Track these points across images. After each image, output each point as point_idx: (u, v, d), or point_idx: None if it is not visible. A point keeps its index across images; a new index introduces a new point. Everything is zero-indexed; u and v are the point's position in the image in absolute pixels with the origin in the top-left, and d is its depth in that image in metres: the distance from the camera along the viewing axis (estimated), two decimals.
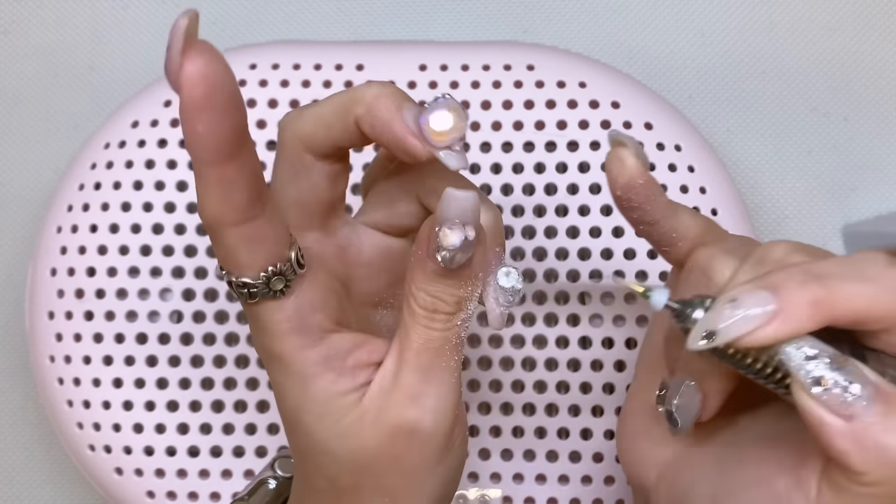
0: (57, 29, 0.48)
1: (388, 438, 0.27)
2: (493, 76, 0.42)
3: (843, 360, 0.23)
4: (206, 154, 0.23)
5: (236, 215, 0.24)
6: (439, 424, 0.27)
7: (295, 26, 0.48)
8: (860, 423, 0.23)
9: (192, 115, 0.22)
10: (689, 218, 0.28)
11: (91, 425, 0.40)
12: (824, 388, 0.23)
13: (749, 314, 0.23)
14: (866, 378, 0.23)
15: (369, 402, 0.27)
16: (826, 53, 0.47)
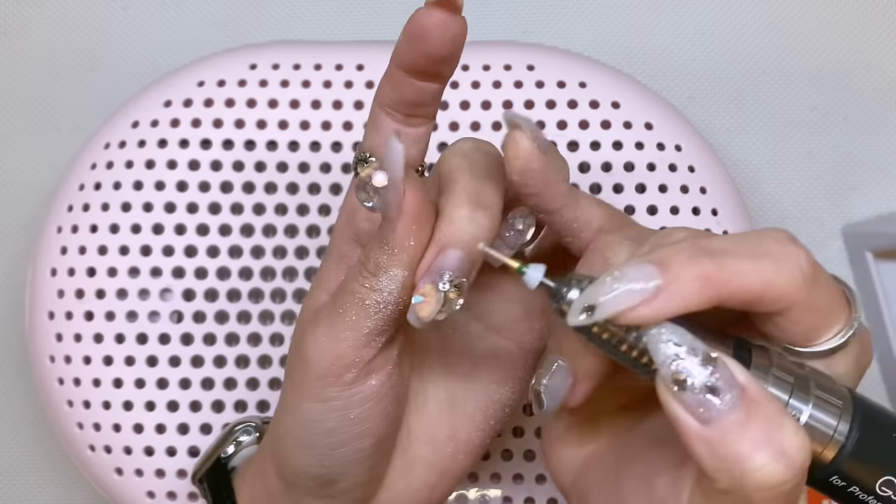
0: (57, 29, 0.48)
1: (296, 338, 0.29)
2: (493, 76, 0.42)
3: (712, 357, 0.21)
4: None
5: (383, 100, 0.28)
6: (312, 359, 0.27)
7: (295, 26, 0.48)
8: (716, 428, 0.21)
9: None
10: (592, 207, 0.27)
11: (91, 425, 0.40)
12: (684, 386, 0.21)
13: (633, 288, 0.22)
14: (733, 379, 0.21)
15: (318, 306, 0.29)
16: (826, 53, 0.47)
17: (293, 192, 0.41)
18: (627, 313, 0.22)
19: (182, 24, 0.48)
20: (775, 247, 0.23)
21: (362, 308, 0.26)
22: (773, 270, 0.22)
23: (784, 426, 0.21)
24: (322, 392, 0.27)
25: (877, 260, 0.44)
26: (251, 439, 0.36)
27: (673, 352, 0.22)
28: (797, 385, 0.23)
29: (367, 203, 0.26)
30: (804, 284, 0.23)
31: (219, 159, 0.41)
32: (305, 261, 0.41)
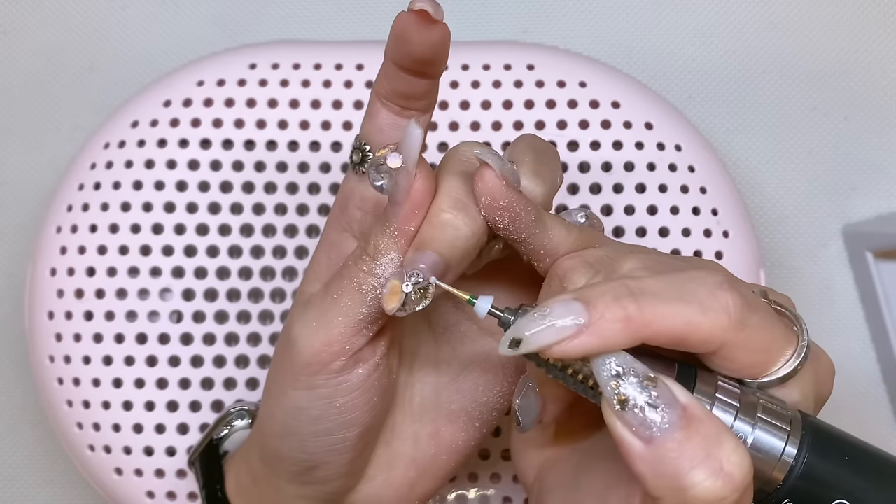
0: (57, 29, 0.48)
1: (286, 325, 0.29)
2: (493, 76, 0.42)
3: (652, 379, 0.22)
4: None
5: (378, 90, 0.28)
6: (300, 345, 0.27)
7: (295, 26, 0.48)
8: (656, 448, 0.22)
9: None
10: (560, 234, 0.27)
11: (91, 425, 0.40)
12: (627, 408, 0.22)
13: (558, 325, 0.23)
14: (674, 399, 0.22)
15: (309, 294, 0.29)
16: (826, 53, 0.47)
17: (293, 192, 0.41)
18: (552, 348, 0.23)
19: (181, 24, 0.48)
20: (702, 290, 0.24)
21: (358, 293, 0.27)
22: (697, 315, 0.23)
23: (723, 443, 0.22)
24: (309, 379, 0.28)
25: (877, 260, 0.44)
26: (244, 423, 0.36)
27: (615, 373, 0.23)
28: (742, 409, 0.24)
29: (378, 182, 0.26)
30: (730, 327, 0.23)
31: (218, 159, 0.41)
32: (305, 261, 0.41)
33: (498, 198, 0.26)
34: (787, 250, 0.47)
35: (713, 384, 0.24)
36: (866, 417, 0.45)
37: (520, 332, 0.23)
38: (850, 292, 0.46)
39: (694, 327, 0.23)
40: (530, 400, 0.27)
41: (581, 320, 0.23)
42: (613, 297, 0.23)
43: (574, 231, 0.28)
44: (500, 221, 0.27)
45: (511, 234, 0.27)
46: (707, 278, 0.24)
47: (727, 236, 0.40)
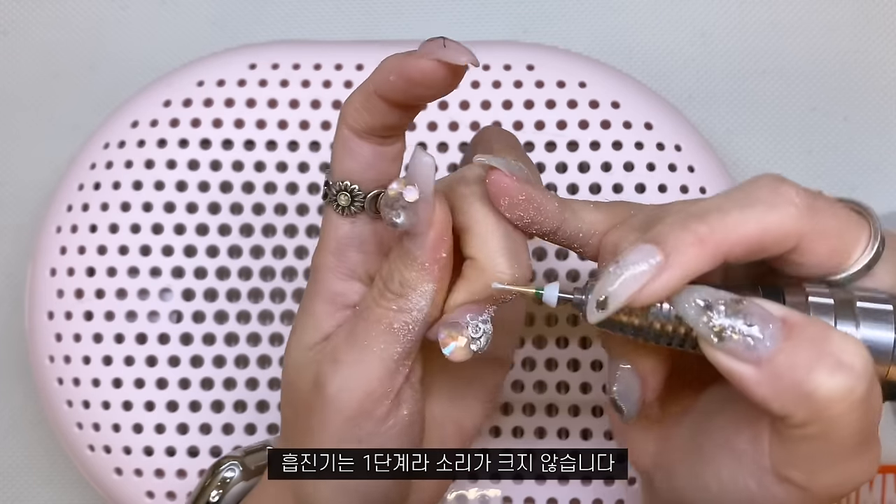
0: (57, 29, 0.48)
1: (310, 386, 0.28)
2: (493, 76, 0.42)
3: (740, 302, 0.22)
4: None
5: (358, 126, 0.26)
6: (342, 397, 0.26)
7: (295, 26, 0.48)
8: (769, 365, 0.21)
9: None
10: (591, 213, 0.27)
11: (91, 425, 0.40)
12: (726, 338, 0.22)
13: (636, 271, 0.23)
14: (768, 315, 0.22)
15: (317, 347, 0.28)
16: (826, 53, 0.47)
17: (293, 192, 0.41)
18: (638, 296, 0.23)
19: (182, 24, 0.48)
20: (763, 192, 0.23)
21: (390, 333, 0.26)
22: (766, 213, 0.23)
23: (831, 338, 0.21)
24: (355, 432, 0.27)
25: None
26: (237, 475, 0.35)
27: (703, 306, 0.22)
28: (838, 306, 0.23)
29: (398, 220, 0.25)
30: (802, 216, 0.23)
31: (218, 159, 0.41)
32: (305, 261, 0.41)
33: (514, 193, 0.26)
34: None
35: (802, 294, 0.24)
36: None
37: (602, 291, 0.23)
38: None
39: (768, 226, 0.23)
40: (628, 382, 0.26)
41: (656, 259, 0.22)
42: (680, 226, 0.23)
43: (603, 207, 0.27)
44: (526, 217, 0.26)
45: (542, 226, 0.27)
46: (762, 180, 0.24)
47: None
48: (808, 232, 0.23)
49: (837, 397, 0.21)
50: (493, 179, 0.26)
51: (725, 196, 0.24)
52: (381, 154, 0.27)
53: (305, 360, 0.28)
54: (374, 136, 0.27)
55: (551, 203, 0.26)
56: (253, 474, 0.34)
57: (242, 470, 0.35)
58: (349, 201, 0.27)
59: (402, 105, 0.26)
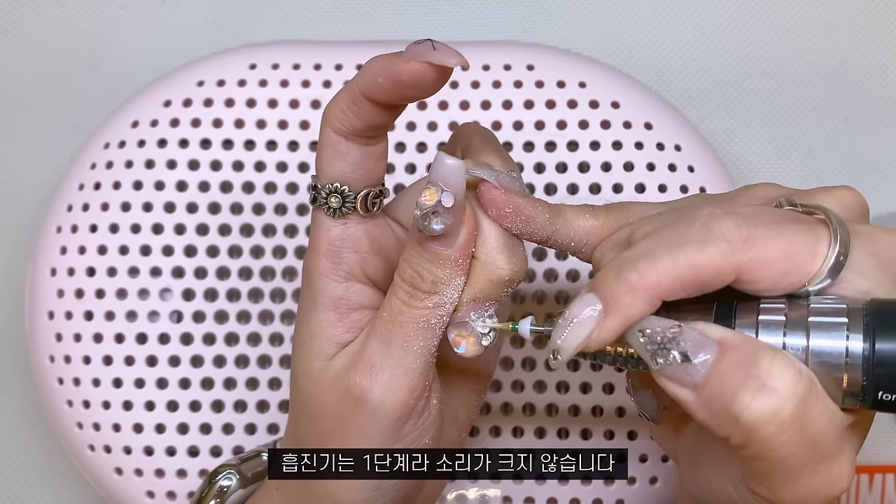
0: (57, 29, 0.48)
1: (339, 399, 0.28)
2: (493, 76, 0.42)
3: (677, 329, 0.23)
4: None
5: (344, 128, 0.27)
6: (387, 402, 0.27)
7: (295, 26, 0.48)
8: (703, 389, 0.22)
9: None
10: (584, 221, 0.28)
11: (91, 425, 0.40)
12: (663, 364, 0.23)
13: (580, 320, 0.24)
14: (703, 339, 0.22)
15: (338, 359, 0.28)
16: (826, 53, 0.47)
17: (293, 192, 0.41)
18: (588, 343, 0.24)
19: (182, 24, 0.48)
20: (694, 229, 0.23)
21: (428, 329, 0.27)
22: (696, 253, 0.23)
23: (758, 360, 0.22)
24: (399, 433, 0.28)
25: None
26: (234, 484, 0.34)
27: (643, 340, 0.23)
28: (790, 322, 0.23)
29: (437, 226, 0.26)
30: (735, 251, 0.23)
31: (218, 159, 0.41)
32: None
33: (502, 206, 0.27)
34: None
35: (754, 311, 0.24)
36: None
37: (553, 343, 0.24)
38: None
39: (699, 266, 0.23)
40: (643, 395, 0.28)
41: (597, 308, 0.24)
42: (614, 275, 0.24)
43: (600, 214, 0.28)
44: (514, 228, 0.27)
45: (532, 236, 0.27)
46: (697, 212, 0.24)
47: None
48: (745, 263, 0.23)
49: (762, 420, 0.21)
50: (481, 191, 0.27)
51: (659, 236, 0.24)
52: (368, 154, 0.28)
53: (327, 373, 0.28)
54: (361, 136, 0.27)
55: (541, 214, 0.27)
56: (249, 482, 0.34)
57: (239, 478, 0.34)
58: (340, 203, 0.28)
59: (389, 106, 0.27)
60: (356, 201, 0.28)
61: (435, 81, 0.25)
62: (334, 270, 0.29)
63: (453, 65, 0.25)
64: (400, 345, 0.27)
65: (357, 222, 0.28)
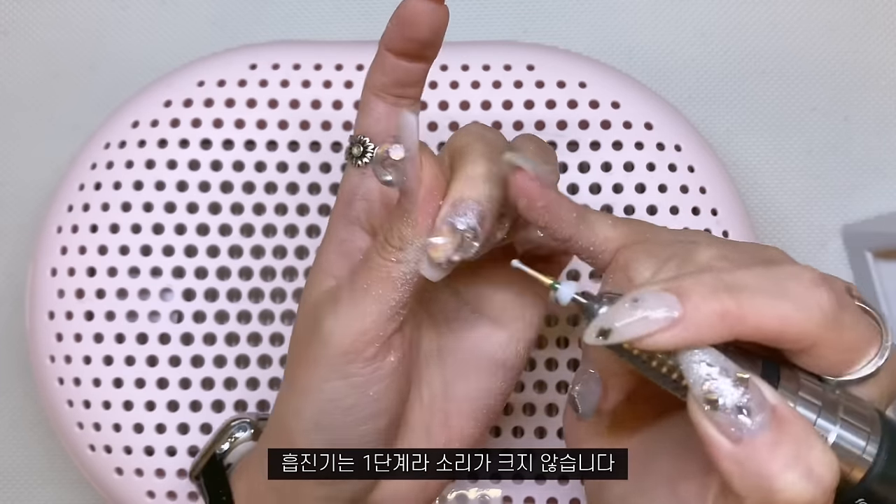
0: (57, 29, 0.48)
1: (309, 324, 0.29)
2: (493, 76, 0.42)
3: (743, 378, 0.22)
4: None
5: (374, 85, 0.30)
6: (335, 335, 0.28)
7: (295, 26, 0.48)
8: (747, 447, 0.22)
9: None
10: (607, 229, 0.27)
11: (91, 425, 0.40)
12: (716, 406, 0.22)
13: (650, 316, 0.22)
14: (764, 400, 0.22)
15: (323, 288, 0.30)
16: (826, 53, 0.47)
17: (293, 192, 0.41)
18: (643, 340, 0.23)
19: (182, 24, 0.48)
20: (798, 287, 0.23)
21: (388, 281, 0.27)
22: (792, 311, 0.23)
23: (813, 446, 0.22)
24: (344, 369, 0.28)
25: (877, 260, 0.44)
26: (246, 435, 0.36)
27: (705, 372, 0.22)
28: (825, 407, 0.24)
29: (386, 177, 0.27)
30: (824, 325, 0.23)
31: (219, 159, 0.41)
32: (305, 261, 0.41)
33: (535, 198, 0.26)
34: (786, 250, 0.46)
35: (796, 381, 0.24)
36: None
37: (609, 321, 0.23)
38: None
39: (789, 324, 0.23)
40: (591, 387, 0.27)
41: (675, 313, 0.22)
42: (710, 290, 0.23)
43: (621, 224, 0.28)
44: (541, 221, 0.27)
45: (555, 233, 0.27)
46: (802, 274, 0.24)
47: (727, 236, 0.40)
48: (824, 340, 0.23)
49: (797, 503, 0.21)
50: (516, 178, 0.26)
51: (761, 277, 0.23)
52: (393, 112, 0.30)
53: (312, 301, 0.30)
54: (389, 94, 0.30)
55: (569, 214, 0.27)
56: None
57: (253, 431, 0.36)
58: (361, 153, 0.30)
59: (405, 53, 0.29)
60: (374, 153, 0.29)
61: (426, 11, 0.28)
62: (345, 214, 0.31)
63: None
64: (361, 287, 0.28)
65: (374, 175, 0.30)
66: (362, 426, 0.29)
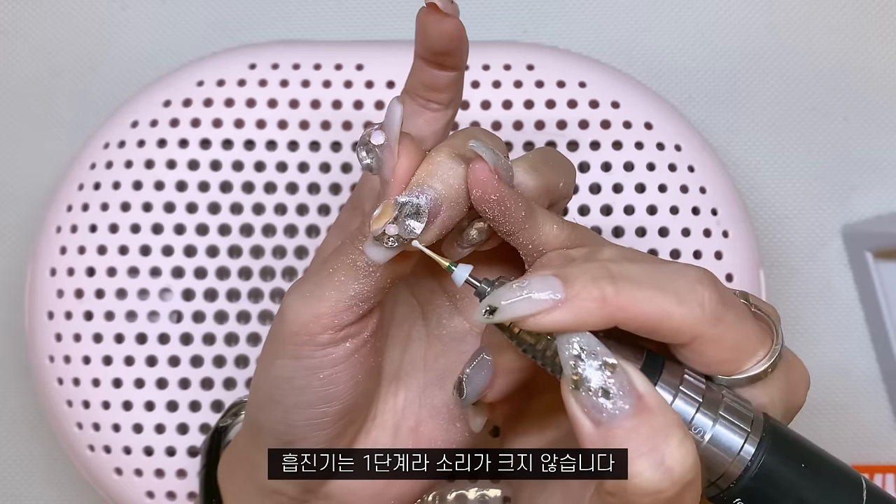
0: (57, 29, 0.48)
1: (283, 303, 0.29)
2: (493, 76, 0.42)
3: (612, 365, 0.23)
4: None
5: (413, 89, 0.31)
6: (291, 313, 0.28)
7: (295, 26, 0.48)
8: (605, 430, 0.22)
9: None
10: (550, 232, 0.28)
11: (91, 425, 0.40)
12: (583, 388, 0.23)
13: (534, 297, 0.23)
14: (630, 387, 0.22)
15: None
16: (826, 53, 0.47)
17: (292, 192, 0.41)
18: (526, 320, 0.24)
19: (181, 24, 0.48)
20: (682, 283, 0.24)
21: (353, 269, 0.27)
22: (672, 304, 0.24)
23: (670, 437, 0.22)
24: (295, 349, 0.28)
25: (877, 260, 0.44)
26: None
27: (576, 353, 0.23)
28: (705, 404, 0.24)
29: (364, 161, 0.26)
30: (704, 321, 0.24)
31: (218, 159, 0.41)
32: (305, 261, 0.41)
33: (489, 191, 0.26)
34: (786, 250, 0.47)
35: (679, 376, 0.25)
36: (866, 417, 0.45)
37: (496, 300, 0.24)
38: (850, 292, 0.46)
39: (668, 316, 0.24)
40: (481, 372, 0.27)
41: (557, 295, 0.23)
42: (592, 277, 0.24)
43: (566, 229, 0.28)
44: (489, 213, 0.27)
45: (500, 227, 0.27)
46: (687, 272, 0.24)
47: (727, 236, 0.40)
48: (703, 336, 0.24)
49: (645, 491, 0.22)
50: (474, 168, 0.26)
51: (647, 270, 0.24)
52: (417, 112, 0.31)
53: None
54: (418, 96, 0.31)
55: (518, 211, 0.27)
56: None
57: None
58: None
59: (427, 60, 0.30)
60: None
61: (433, 22, 0.28)
62: (354, 206, 0.32)
63: (440, 4, 0.28)
64: (327, 270, 0.28)
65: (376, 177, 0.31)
66: (311, 409, 0.29)
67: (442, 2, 0.28)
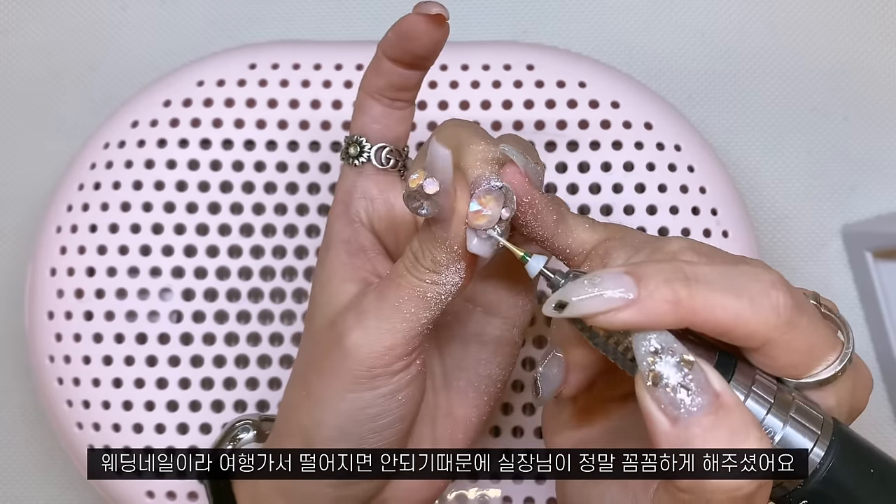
0: (57, 29, 0.48)
1: (328, 332, 0.29)
2: (493, 76, 0.42)
3: (689, 362, 0.23)
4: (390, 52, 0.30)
5: (370, 88, 0.31)
6: (362, 349, 0.28)
7: (295, 26, 0.48)
8: (682, 429, 0.22)
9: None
10: (584, 233, 0.28)
11: (91, 425, 0.40)
12: (659, 385, 0.22)
13: (606, 295, 0.23)
14: (707, 385, 0.22)
15: (342, 297, 0.30)
16: (826, 53, 0.47)
17: (292, 192, 0.41)
18: (597, 317, 0.23)
19: (182, 24, 0.48)
20: (756, 287, 0.24)
21: (423, 301, 0.27)
22: (746, 309, 0.23)
23: (749, 436, 0.22)
24: (370, 381, 0.28)
25: (876, 260, 0.44)
26: (250, 437, 0.36)
27: (652, 349, 0.23)
28: (776, 405, 0.24)
29: (422, 211, 0.26)
30: (778, 327, 0.24)
31: (218, 159, 0.41)
32: (305, 260, 0.41)
33: (521, 194, 0.27)
34: (786, 250, 0.47)
35: (751, 377, 0.24)
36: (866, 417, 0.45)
37: (567, 295, 0.24)
38: (850, 292, 0.46)
39: (741, 321, 0.23)
40: (553, 370, 0.28)
41: (630, 295, 0.23)
42: (665, 278, 0.23)
43: (599, 228, 0.28)
44: (522, 219, 0.27)
45: (533, 231, 0.27)
46: (762, 275, 0.24)
47: (726, 236, 0.40)
48: (776, 341, 0.24)
49: (723, 489, 0.22)
50: (506, 172, 0.27)
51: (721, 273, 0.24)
52: (388, 113, 0.31)
53: (330, 307, 0.30)
54: (384, 97, 0.31)
55: (550, 215, 0.27)
56: (265, 439, 0.35)
57: (256, 433, 0.37)
58: (357, 152, 0.31)
59: (402, 62, 0.30)
60: (371, 152, 0.31)
61: (427, 31, 0.28)
62: (345, 213, 0.31)
63: (434, 12, 0.28)
64: (392, 303, 0.28)
65: (372, 173, 0.31)
66: (388, 430, 0.29)
67: (445, 10, 0.28)
